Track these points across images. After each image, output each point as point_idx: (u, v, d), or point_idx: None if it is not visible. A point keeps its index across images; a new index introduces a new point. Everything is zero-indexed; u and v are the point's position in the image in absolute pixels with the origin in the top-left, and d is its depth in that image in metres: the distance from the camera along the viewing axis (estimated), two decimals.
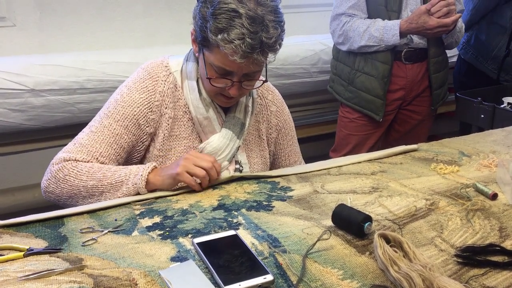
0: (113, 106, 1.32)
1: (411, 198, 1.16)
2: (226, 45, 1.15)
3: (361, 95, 2.21)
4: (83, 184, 1.22)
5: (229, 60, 1.19)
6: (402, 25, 2.04)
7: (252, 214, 1.10)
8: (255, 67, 1.23)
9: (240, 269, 0.84)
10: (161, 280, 0.82)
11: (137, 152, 1.36)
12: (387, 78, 2.15)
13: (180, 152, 1.36)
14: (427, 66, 2.20)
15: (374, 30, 2.07)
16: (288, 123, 1.54)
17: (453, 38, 2.17)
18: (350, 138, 2.34)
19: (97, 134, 1.29)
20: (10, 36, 2.31)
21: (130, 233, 1.02)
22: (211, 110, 1.35)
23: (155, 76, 1.34)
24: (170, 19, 2.63)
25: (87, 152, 1.27)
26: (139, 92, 1.32)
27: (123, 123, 1.30)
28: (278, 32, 1.20)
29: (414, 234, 0.99)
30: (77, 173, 1.23)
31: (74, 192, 1.23)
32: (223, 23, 1.15)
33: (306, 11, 2.99)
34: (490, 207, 1.11)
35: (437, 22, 2.00)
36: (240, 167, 1.41)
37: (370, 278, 0.85)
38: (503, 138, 1.64)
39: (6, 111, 2.04)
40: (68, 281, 0.82)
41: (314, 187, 1.26)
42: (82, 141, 1.29)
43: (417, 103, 2.29)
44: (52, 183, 1.25)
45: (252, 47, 1.15)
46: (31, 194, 2.33)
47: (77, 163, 1.25)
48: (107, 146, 1.28)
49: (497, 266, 0.89)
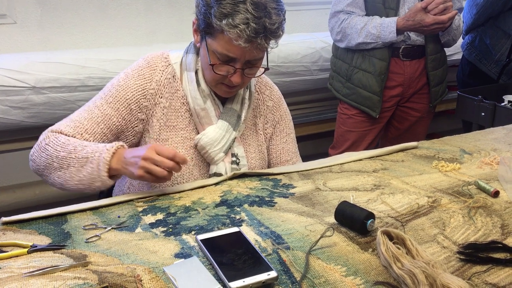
0: (108, 89, 1.35)
1: (413, 195, 1.17)
2: (231, 30, 1.18)
3: (358, 91, 2.23)
4: (56, 155, 1.23)
5: (233, 45, 1.21)
6: (398, 22, 2.06)
7: (254, 210, 1.10)
8: (258, 52, 1.25)
9: (244, 265, 0.84)
10: (165, 276, 0.83)
11: (126, 138, 1.35)
12: (384, 75, 2.16)
13: (177, 143, 1.36)
14: (425, 63, 2.20)
15: (372, 27, 2.09)
16: (283, 120, 1.54)
17: (450, 36, 2.17)
18: (349, 134, 2.35)
19: (88, 112, 1.31)
20: (11, 34, 2.31)
21: (134, 229, 1.02)
22: (209, 102, 1.35)
23: (154, 65, 1.37)
24: (171, 17, 2.64)
25: (73, 127, 1.28)
26: (135, 79, 1.34)
27: (114, 106, 1.32)
28: (281, 19, 1.23)
29: (417, 231, 1.00)
30: (55, 143, 1.24)
31: (48, 162, 1.23)
32: (227, 8, 1.17)
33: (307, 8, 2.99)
34: (492, 205, 1.12)
35: (433, 19, 2.01)
36: (237, 159, 1.41)
37: (373, 275, 0.85)
38: (504, 136, 1.64)
39: (7, 108, 2.04)
40: (73, 277, 0.83)
41: (316, 184, 1.26)
42: (73, 116, 1.32)
43: (416, 100, 2.30)
44: (36, 150, 1.27)
45: (256, 31, 1.18)
46: (32, 191, 2.34)
47: (60, 135, 1.26)
48: (94, 124, 1.30)
49: (500, 263, 0.89)
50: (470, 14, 2.46)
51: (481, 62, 2.49)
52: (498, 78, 2.43)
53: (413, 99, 2.30)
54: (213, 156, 1.35)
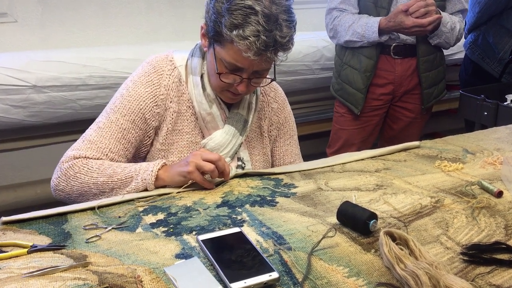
0: (119, 101, 1.31)
1: (416, 195, 1.16)
2: (241, 41, 1.16)
3: (344, 87, 2.26)
4: (93, 181, 1.22)
5: (242, 57, 1.19)
6: (381, 23, 2.07)
7: (256, 210, 1.09)
8: (267, 64, 1.24)
9: (245, 266, 0.84)
10: (166, 277, 0.82)
11: (144, 147, 1.36)
12: (370, 73, 2.17)
13: (183, 147, 1.35)
14: (416, 63, 2.19)
15: (357, 26, 2.11)
16: (287, 122, 1.53)
17: (441, 39, 2.12)
18: (341, 132, 2.37)
19: (105, 130, 1.28)
20: (12, 32, 2.31)
21: (134, 230, 1.01)
22: (215, 106, 1.34)
23: (160, 70, 1.34)
24: (173, 16, 2.63)
25: (96, 149, 1.26)
26: (144, 86, 1.32)
27: (130, 118, 1.30)
28: (291, 32, 1.21)
29: (420, 232, 0.99)
30: (88, 170, 1.22)
31: (84, 189, 1.22)
32: (238, 19, 1.15)
33: (309, 7, 2.98)
34: (495, 205, 1.11)
35: (413, 22, 2.00)
36: (243, 164, 1.41)
37: (376, 276, 0.84)
38: (507, 135, 1.63)
39: (8, 107, 2.03)
40: (73, 278, 0.82)
41: (318, 184, 1.25)
42: (91, 137, 1.28)
43: (408, 100, 2.28)
44: (63, 181, 1.24)
45: (266, 44, 1.16)
46: (33, 190, 2.33)
47: (88, 160, 1.24)
48: (116, 141, 1.28)
49: (503, 264, 0.88)
50: (473, 12, 2.45)
51: (484, 61, 2.48)
52: (501, 76, 2.42)
53: (404, 99, 2.28)
54: None
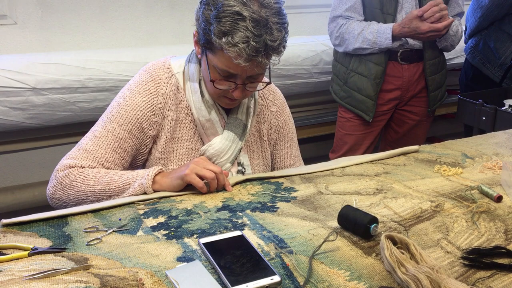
0: (116, 110, 1.31)
1: (416, 199, 1.16)
2: (230, 49, 1.15)
3: (353, 94, 2.25)
4: (90, 189, 1.21)
5: (233, 63, 1.18)
6: (395, 29, 2.07)
7: (257, 215, 1.09)
8: (259, 69, 1.23)
9: (247, 270, 0.84)
10: (168, 280, 0.82)
11: (141, 155, 1.35)
12: (380, 80, 2.18)
13: (182, 154, 1.35)
14: (423, 67, 2.21)
15: (368, 33, 2.10)
16: (287, 124, 1.53)
17: (447, 42, 2.17)
18: (347, 138, 2.36)
19: (101, 139, 1.28)
20: (12, 34, 2.31)
21: (135, 233, 1.01)
22: (214, 112, 1.34)
23: (157, 78, 1.33)
24: (172, 19, 2.63)
25: (92, 158, 1.26)
26: (142, 95, 1.31)
27: (127, 127, 1.29)
28: (282, 35, 1.19)
29: (420, 236, 0.99)
30: (84, 178, 1.22)
31: (81, 198, 1.22)
32: (227, 26, 1.14)
33: (308, 11, 2.99)
34: (495, 210, 1.11)
35: (429, 27, 2.02)
36: (243, 168, 1.40)
37: (377, 280, 0.84)
38: (506, 140, 1.64)
39: (7, 109, 2.03)
40: (74, 280, 0.82)
41: (318, 188, 1.25)
42: (87, 146, 1.27)
43: (414, 104, 2.30)
44: (59, 189, 1.24)
45: (257, 50, 1.15)
46: (31, 193, 2.33)
47: (83, 169, 1.24)
48: (112, 151, 1.28)
49: (504, 269, 0.89)
50: (474, 17, 2.45)
51: (485, 66, 2.48)
52: (501, 81, 2.42)
53: (411, 103, 2.30)
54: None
